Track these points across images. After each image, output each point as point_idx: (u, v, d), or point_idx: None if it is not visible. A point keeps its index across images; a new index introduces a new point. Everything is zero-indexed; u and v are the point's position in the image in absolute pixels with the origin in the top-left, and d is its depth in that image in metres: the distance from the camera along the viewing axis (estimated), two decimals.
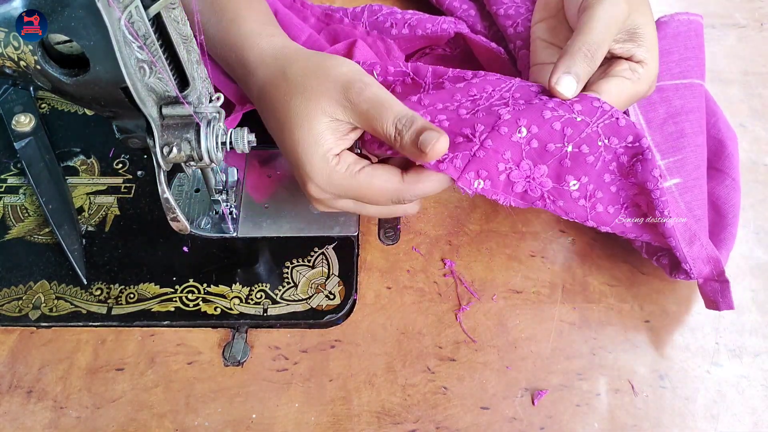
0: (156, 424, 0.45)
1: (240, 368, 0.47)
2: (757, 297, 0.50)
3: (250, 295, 0.50)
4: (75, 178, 0.55)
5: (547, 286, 0.51)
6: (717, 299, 0.47)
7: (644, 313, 0.50)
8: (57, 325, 0.48)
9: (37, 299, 0.49)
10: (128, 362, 0.47)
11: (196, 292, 0.50)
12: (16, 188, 0.55)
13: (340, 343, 0.48)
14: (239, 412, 0.45)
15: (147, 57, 0.35)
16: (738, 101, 0.60)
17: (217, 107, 0.42)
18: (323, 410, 0.45)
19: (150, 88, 0.37)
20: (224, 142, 0.42)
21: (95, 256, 0.51)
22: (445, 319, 0.49)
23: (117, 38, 0.33)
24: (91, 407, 0.45)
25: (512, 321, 0.49)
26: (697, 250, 0.46)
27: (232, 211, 0.52)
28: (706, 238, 0.47)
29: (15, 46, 0.34)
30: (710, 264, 0.47)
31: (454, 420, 0.45)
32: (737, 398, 0.46)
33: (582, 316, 0.49)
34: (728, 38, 0.65)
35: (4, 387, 0.46)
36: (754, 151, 0.56)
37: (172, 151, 0.40)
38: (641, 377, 0.47)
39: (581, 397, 0.46)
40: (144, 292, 0.50)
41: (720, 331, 0.49)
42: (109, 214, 0.53)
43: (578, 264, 0.52)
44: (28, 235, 0.52)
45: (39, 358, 0.47)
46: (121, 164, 0.56)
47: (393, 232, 0.53)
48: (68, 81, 0.35)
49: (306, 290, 0.50)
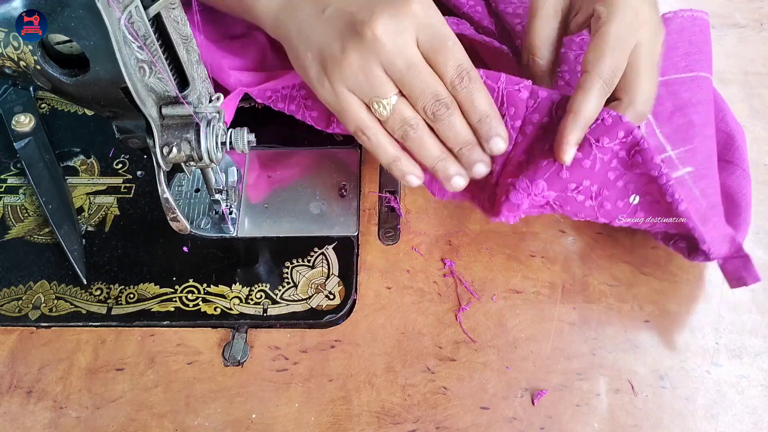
0: (156, 424, 0.45)
1: (240, 368, 0.47)
2: (757, 297, 0.50)
3: (250, 295, 0.50)
4: (75, 178, 0.55)
5: (547, 286, 0.51)
6: (741, 275, 0.47)
7: (644, 313, 0.50)
8: (57, 325, 0.48)
9: (37, 299, 0.49)
10: (128, 362, 0.47)
11: (196, 292, 0.50)
12: (16, 188, 0.55)
13: (340, 343, 0.48)
14: (239, 412, 0.45)
15: (147, 57, 0.35)
16: (738, 101, 0.60)
17: (217, 107, 0.42)
18: (323, 410, 0.45)
19: (150, 88, 0.37)
20: (224, 142, 0.42)
21: (95, 256, 0.51)
22: (445, 319, 0.49)
23: (117, 38, 0.33)
24: (91, 407, 0.45)
25: (512, 321, 0.49)
26: (711, 229, 0.46)
27: (232, 211, 0.52)
28: (721, 219, 0.48)
29: (15, 46, 0.34)
30: (728, 242, 0.47)
31: (454, 420, 0.45)
32: (737, 398, 0.46)
33: (582, 316, 0.49)
34: (728, 38, 0.65)
35: (4, 387, 0.46)
36: (755, 151, 0.56)
37: (172, 151, 0.40)
38: (641, 377, 0.47)
39: (581, 397, 0.46)
40: (144, 292, 0.50)
41: (720, 331, 0.49)
42: (108, 214, 0.53)
43: (578, 264, 0.52)
44: (28, 235, 0.52)
45: (39, 358, 0.47)
46: (120, 164, 0.56)
47: (393, 232, 0.53)
48: (68, 81, 0.35)
49: (306, 290, 0.50)
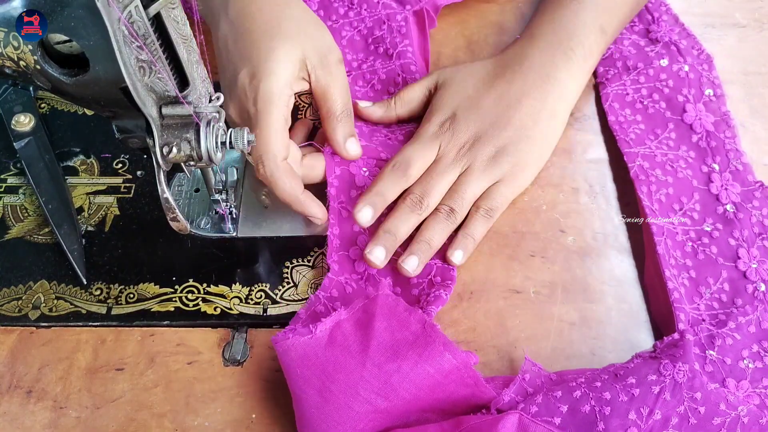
0: (156, 424, 0.45)
1: (240, 368, 0.47)
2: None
3: (249, 295, 0.50)
4: (75, 177, 0.55)
5: (547, 286, 0.51)
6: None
7: (644, 313, 0.50)
8: (57, 325, 0.48)
9: (36, 299, 0.49)
10: (128, 362, 0.47)
11: (196, 292, 0.50)
12: (15, 188, 0.55)
13: None
14: (239, 412, 0.45)
15: (147, 57, 0.35)
16: (738, 101, 0.60)
17: (216, 107, 0.42)
18: None
19: (150, 88, 0.37)
20: (224, 141, 0.42)
21: (95, 256, 0.51)
22: (445, 319, 0.49)
23: (117, 38, 0.33)
24: (91, 407, 0.45)
25: (512, 321, 0.49)
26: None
27: (232, 211, 0.52)
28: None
29: (15, 45, 0.34)
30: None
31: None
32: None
33: (582, 316, 0.49)
34: (728, 38, 0.65)
35: (4, 387, 0.46)
36: (755, 152, 0.56)
37: (172, 150, 0.40)
38: None
39: None
40: (144, 292, 0.50)
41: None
42: (108, 214, 0.53)
43: (578, 264, 0.52)
44: (28, 235, 0.52)
45: (39, 358, 0.47)
46: (120, 164, 0.56)
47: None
48: (68, 81, 0.35)
49: (306, 290, 0.50)
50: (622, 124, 0.57)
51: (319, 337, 0.42)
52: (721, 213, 0.51)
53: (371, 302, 0.43)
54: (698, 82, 0.58)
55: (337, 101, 0.51)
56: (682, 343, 0.41)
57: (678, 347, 0.41)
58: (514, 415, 0.39)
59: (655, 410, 0.39)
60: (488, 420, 0.39)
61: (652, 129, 0.56)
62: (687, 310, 0.47)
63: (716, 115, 0.56)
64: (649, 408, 0.39)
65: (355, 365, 0.41)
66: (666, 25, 0.61)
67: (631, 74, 0.59)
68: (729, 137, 0.55)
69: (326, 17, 0.62)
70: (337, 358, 0.41)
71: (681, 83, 0.58)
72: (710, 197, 0.52)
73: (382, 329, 0.42)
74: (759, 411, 0.41)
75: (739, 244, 0.50)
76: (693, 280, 0.49)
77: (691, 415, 0.39)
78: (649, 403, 0.39)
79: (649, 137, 0.56)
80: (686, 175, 0.54)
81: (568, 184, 0.56)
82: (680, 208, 0.52)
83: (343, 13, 0.62)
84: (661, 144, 0.55)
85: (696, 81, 0.58)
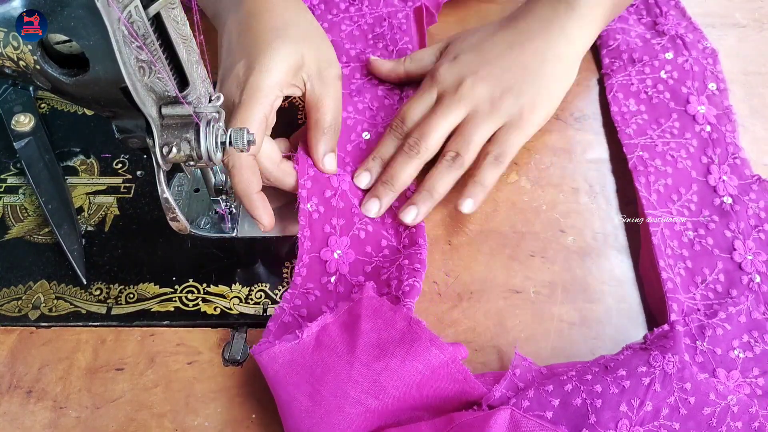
0: (156, 424, 0.45)
1: (240, 368, 0.47)
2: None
3: (249, 295, 0.49)
4: (74, 177, 0.55)
5: (547, 286, 0.51)
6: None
7: (644, 313, 0.49)
8: (57, 325, 0.48)
9: (36, 299, 0.49)
10: (128, 362, 0.47)
11: (196, 292, 0.50)
12: (15, 188, 0.55)
13: None
14: (239, 412, 0.45)
15: (147, 57, 0.35)
16: (738, 101, 0.60)
17: (216, 107, 0.42)
18: None
19: (149, 88, 0.37)
20: (224, 141, 0.42)
21: (95, 256, 0.51)
22: (445, 319, 0.49)
23: (117, 38, 0.33)
24: (91, 407, 0.45)
25: (512, 321, 0.49)
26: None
27: (232, 211, 0.52)
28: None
29: (14, 46, 0.34)
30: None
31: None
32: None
33: (582, 316, 0.49)
34: (728, 38, 0.65)
35: (4, 387, 0.46)
36: (754, 151, 0.56)
37: (172, 150, 0.40)
38: None
39: None
40: (144, 292, 0.50)
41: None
42: (108, 214, 0.53)
43: (578, 264, 0.52)
44: (28, 235, 0.52)
45: (39, 358, 0.47)
46: (120, 164, 0.56)
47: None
48: (68, 81, 0.35)
49: None
50: (624, 115, 0.57)
51: (306, 341, 0.42)
52: (718, 205, 0.52)
53: (356, 305, 0.43)
54: (702, 76, 0.58)
55: (327, 114, 0.50)
56: (672, 334, 0.42)
57: (668, 338, 0.41)
58: (505, 410, 0.39)
59: (646, 401, 0.39)
60: (480, 416, 0.39)
61: (656, 118, 0.57)
62: (681, 299, 0.47)
63: (719, 109, 0.57)
64: (639, 399, 0.39)
65: (343, 366, 0.41)
66: (673, 19, 0.62)
67: (637, 66, 0.59)
68: (730, 131, 0.55)
69: (327, 11, 0.62)
70: (325, 361, 0.41)
71: (685, 75, 0.58)
72: (708, 189, 0.53)
73: (368, 330, 0.42)
74: (749, 400, 0.41)
75: (735, 236, 0.50)
76: (689, 270, 0.49)
77: (681, 405, 0.40)
78: (639, 395, 0.39)
79: (651, 126, 0.56)
80: (686, 166, 0.54)
81: (568, 184, 0.56)
82: (678, 199, 0.52)
83: (344, 8, 0.62)
84: (665, 132, 0.56)
85: (700, 74, 0.58)
